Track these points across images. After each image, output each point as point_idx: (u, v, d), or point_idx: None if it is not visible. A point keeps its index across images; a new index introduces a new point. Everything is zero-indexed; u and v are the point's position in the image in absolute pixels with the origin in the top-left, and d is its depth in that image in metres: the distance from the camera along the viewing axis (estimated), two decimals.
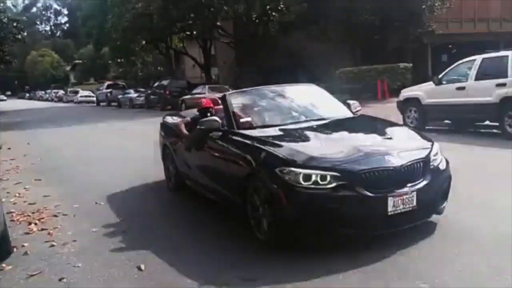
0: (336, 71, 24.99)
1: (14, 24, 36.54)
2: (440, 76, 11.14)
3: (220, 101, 6.13)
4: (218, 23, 31.79)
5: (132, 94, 35.01)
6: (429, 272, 3.74)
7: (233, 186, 5.05)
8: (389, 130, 5.17)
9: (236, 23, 32.13)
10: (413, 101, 11.69)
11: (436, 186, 4.49)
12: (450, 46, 26.53)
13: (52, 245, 5.00)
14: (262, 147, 4.66)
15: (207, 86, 25.88)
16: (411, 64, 23.28)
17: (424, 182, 4.32)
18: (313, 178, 4.09)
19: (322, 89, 6.47)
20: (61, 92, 66.51)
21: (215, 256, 4.42)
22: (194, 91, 25.72)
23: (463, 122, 11.10)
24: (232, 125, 5.43)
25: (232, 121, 5.47)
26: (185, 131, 6.54)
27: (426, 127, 11.66)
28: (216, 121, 5.48)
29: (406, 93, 12.19)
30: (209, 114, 6.10)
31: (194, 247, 4.71)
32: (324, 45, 27.49)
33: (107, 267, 4.30)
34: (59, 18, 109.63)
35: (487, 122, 11.13)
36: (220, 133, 5.48)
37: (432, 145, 4.74)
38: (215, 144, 5.50)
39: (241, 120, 5.48)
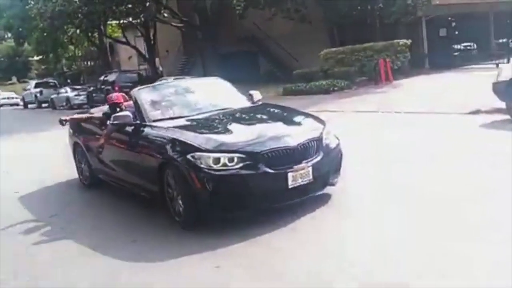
0: (319, 53, 21.32)
1: None
2: None
3: (129, 97, 6.43)
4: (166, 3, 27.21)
5: (69, 93, 29.54)
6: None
7: (149, 176, 5.40)
8: (286, 115, 6.03)
9: (184, 3, 27.69)
10: None
11: (329, 161, 5.17)
12: (450, 18, 23.59)
13: None
14: (174, 136, 5.14)
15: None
16: (410, 41, 20.11)
17: (318, 158, 5.00)
18: (222, 160, 4.65)
19: (225, 81, 6.86)
20: None
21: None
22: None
23: None
24: (144, 119, 5.76)
25: (143, 115, 5.80)
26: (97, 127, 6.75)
27: None
28: (128, 116, 5.75)
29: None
30: (118, 110, 6.23)
31: None
32: (294, 24, 23.81)
33: None
34: None
35: None
36: (133, 127, 5.79)
37: (324, 125, 5.43)
38: (128, 138, 5.87)
39: (151, 113, 5.84)
